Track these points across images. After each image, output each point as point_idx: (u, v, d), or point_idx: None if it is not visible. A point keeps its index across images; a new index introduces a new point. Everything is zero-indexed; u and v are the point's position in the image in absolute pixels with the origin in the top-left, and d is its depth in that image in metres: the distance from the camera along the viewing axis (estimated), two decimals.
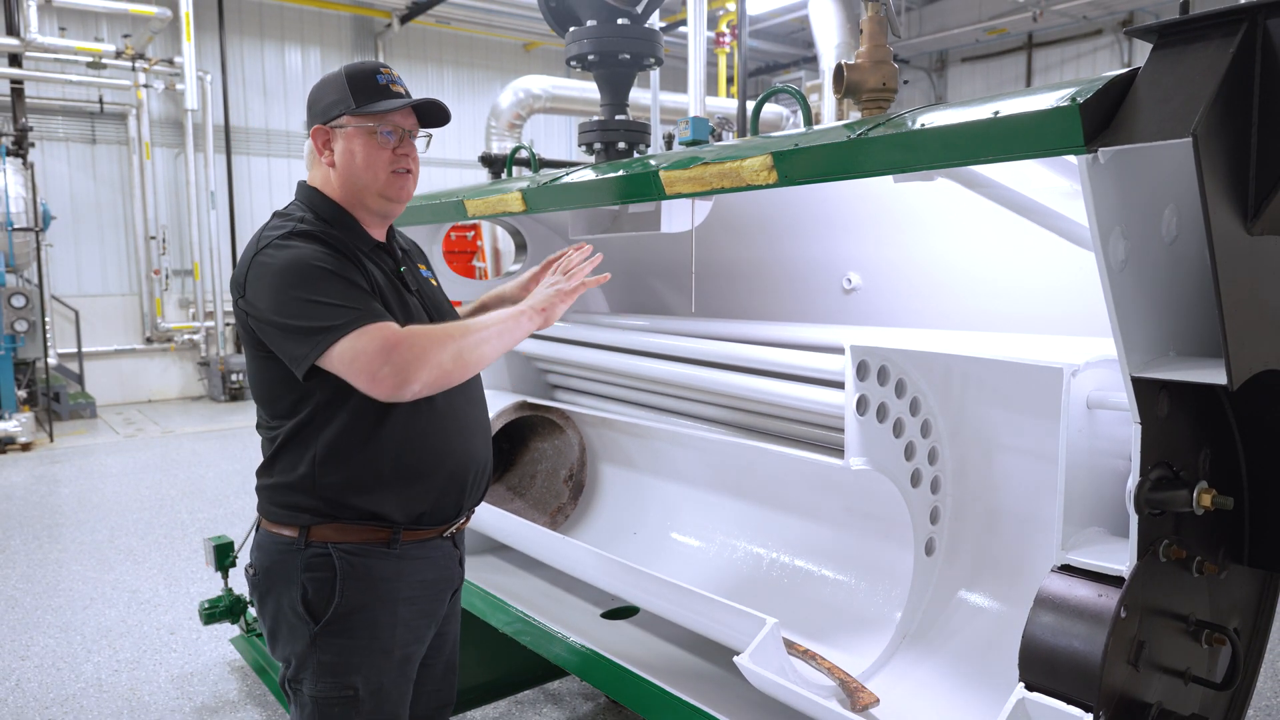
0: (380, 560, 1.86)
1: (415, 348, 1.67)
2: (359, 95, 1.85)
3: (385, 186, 1.89)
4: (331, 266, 1.74)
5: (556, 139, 15.05)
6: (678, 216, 2.60)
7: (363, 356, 1.66)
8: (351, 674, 1.84)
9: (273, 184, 12.85)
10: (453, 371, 1.72)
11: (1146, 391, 1.42)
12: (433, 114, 1.94)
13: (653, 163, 2.09)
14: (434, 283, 2.12)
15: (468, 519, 2.05)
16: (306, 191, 1.95)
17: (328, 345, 1.67)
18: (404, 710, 1.97)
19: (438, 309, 2.04)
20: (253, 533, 1.99)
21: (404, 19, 12.95)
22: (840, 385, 2.08)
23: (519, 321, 1.83)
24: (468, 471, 1.97)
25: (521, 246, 3.46)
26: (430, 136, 1.97)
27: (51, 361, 10.68)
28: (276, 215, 1.92)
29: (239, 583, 3.91)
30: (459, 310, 2.30)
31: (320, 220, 1.88)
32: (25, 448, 8.87)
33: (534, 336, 3.30)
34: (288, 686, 1.91)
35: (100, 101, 11.49)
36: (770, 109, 11.78)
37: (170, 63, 11.42)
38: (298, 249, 1.76)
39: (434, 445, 1.89)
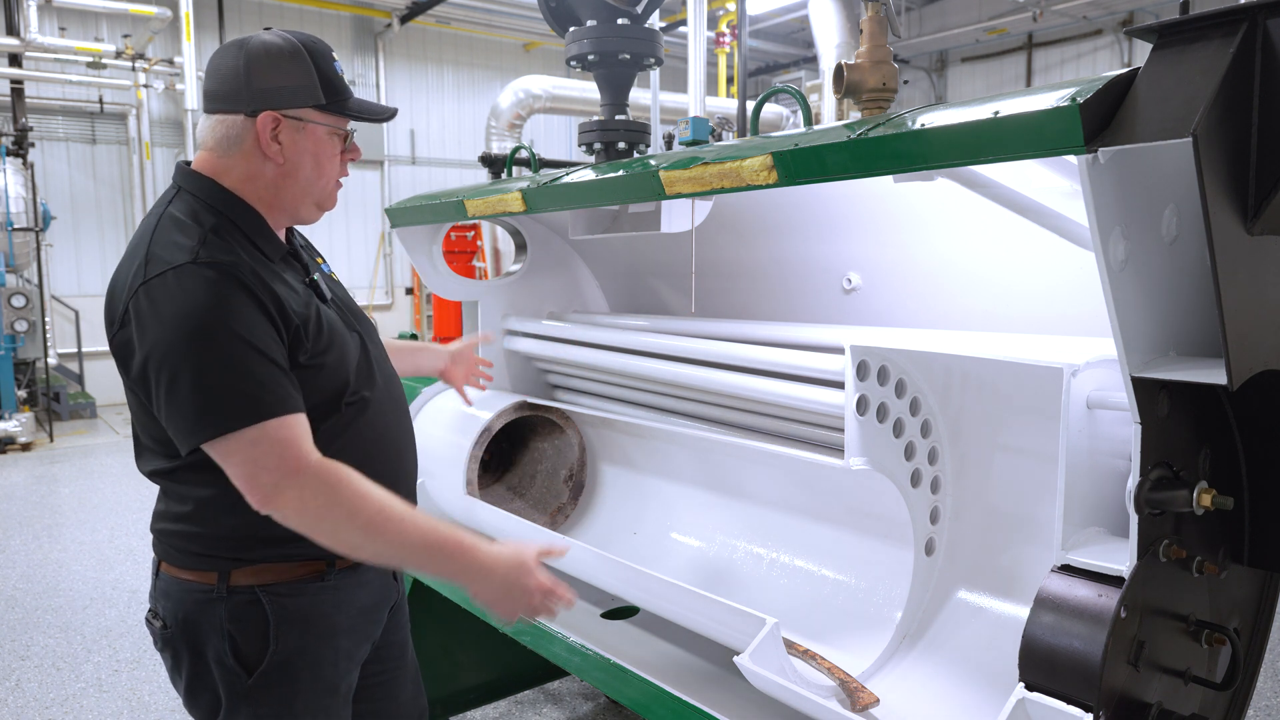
0: (314, 596, 1.68)
1: (326, 494, 1.48)
2: (329, 90, 1.62)
3: (325, 196, 1.70)
4: (240, 325, 1.46)
5: (556, 139, 15.06)
6: (678, 216, 2.60)
7: (250, 460, 1.46)
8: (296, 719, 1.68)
9: None
10: (331, 543, 1.51)
11: (1146, 391, 1.42)
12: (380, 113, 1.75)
13: (653, 163, 2.09)
14: (334, 277, 1.87)
15: None
16: (204, 184, 1.61)
17: (216, 434, 1.45)
18: None
19: (353, 314, 1.82)
20: (154, 578, 1.75)
21: (404, 19, 12.96)
22: (840, 385, 2.08)
23: (452, 563, 1.57)
24: (410, 495, 1.83)
25: (521, 246, 3.46)
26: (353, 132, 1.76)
27: (51, 361, 10.69)
28: (171, 220, 1.57)
29: None
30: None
31: (229, 222, 1.60)
32: (25, 448, 8.87)
33: (533, 336, 3.31)
34: None
35: (100, 101, 11.50)
36: (770, 109, 11.78)
37: (170, 63, 11.42)
38: (204, 286, 1.46)
39: (381, 480, 1.67)
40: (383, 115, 1.73)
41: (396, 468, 1.81)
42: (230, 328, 1.46)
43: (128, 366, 1.54)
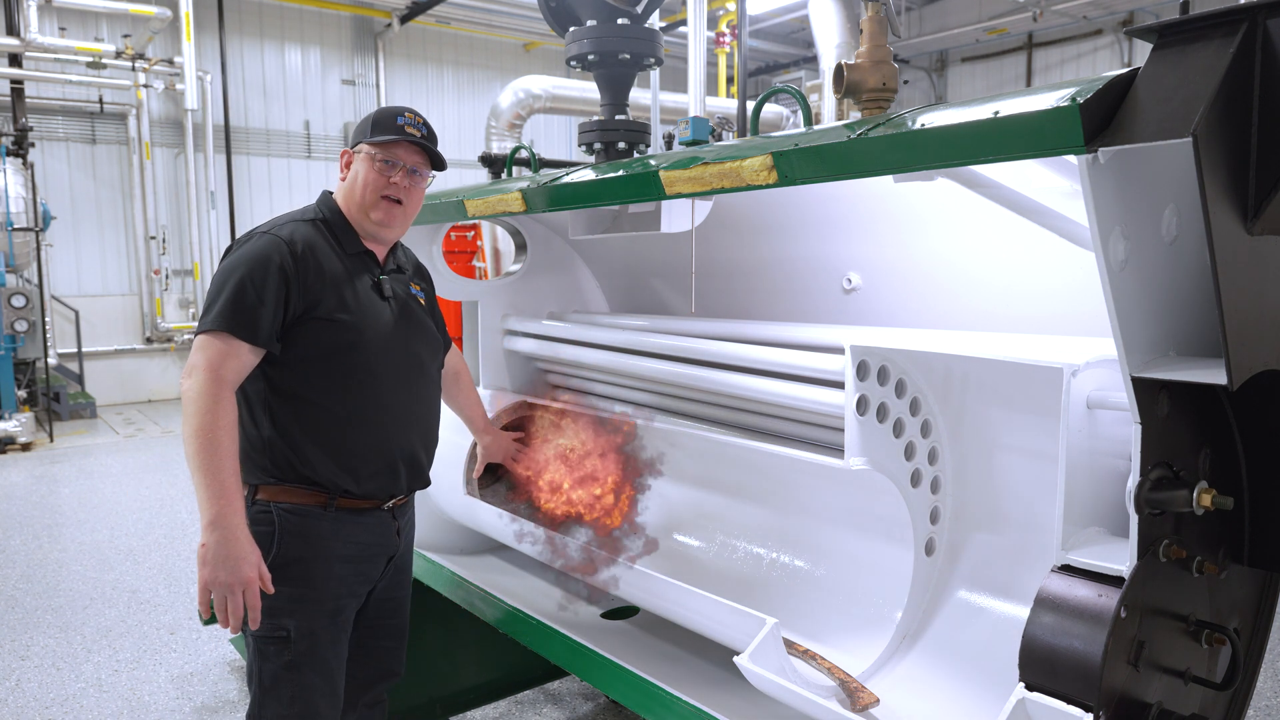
0: (317, 521, 2.11)
1: (198, 387, 1.94)
2: (376, 129, 2.16)
3: (371, 206, 2.17)
4: (262, 273, 2.02)
5: (556, 139, 15.05)
6: (678, 216, 2.60)
7: (200, 350, 1.98)
8: (284, 617, 2.06)
9: (273, 184, 12.85)
10: (182, 425, 1.96)
11: (1146, 391, 1.42)
12: (431, 155, 2.23)
13: (653, 163, 2.09)
14: (420, 301, 2.35)
15: (406, 499, 2.31)
16: (324, 196, 2.28)
17: (201, 329, 2.00)
18: (335, 656, 2.17)
19: (409, 316, 2.26)
20: None
21: (404, 19, 12.94)
22: (840, 385, 2.08)
23: (206, 501, 1.91)
24: (399, 464, 2.20)
25: (521, 246, 3.46)
26: (432, 178, 2.27)
27: (51, 361, 10.68)
28: (293, 211, 2.25)
29: None
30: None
31: (324, 220, 2.20)
32: (25, 448, 8.87)
33: (534, 336, 3.31)
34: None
35: (100, 101, 11.49)
36: (770, 109, 11.77)
37: (170, 63, 11.42)
38: (259, 247, 2.06)
39: (369, 443, 2.14)
40: (396, 139, 2.15)
41: (398, 439, 2.20)
42: (250, 271, 2.02)
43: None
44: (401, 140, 2.15)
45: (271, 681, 2.10)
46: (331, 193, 2.28)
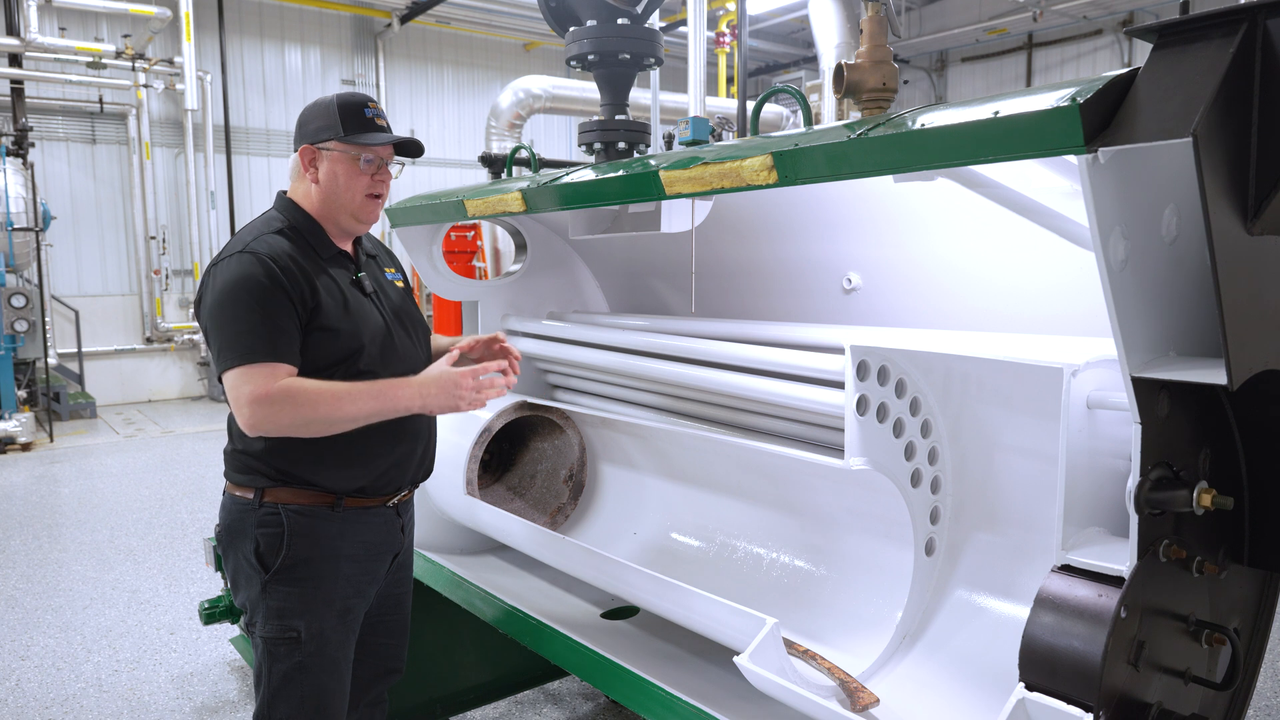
0: (325, 521, 2.11)
1: (279, 404, 1.90)
2: (348, 124, 2.08)
3: (359, 208, 2.14)
4: (260, 295, 1.95)
5: (556, 139, 15.06)
6: (678, 216, 2.60)
7: (236, 390, 1.92)
8: (295, 618, 2.08)
9: (272, 184, 12.84)
10: (313, 429, 1.96)
11: (1146, 391, 1.42)
12: (409, 146, 2.18)
13: (653, 163, 2.09)
14: (399, 284, 2.33)
15: (410, 493, 2.30)
16: (283, 202, 2.19)
17: (225, 368, 1.94)
18: (344, 657, 2.18)
19: (396, 309, 2.24)
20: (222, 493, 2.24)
21: (404, 19, 12.95)
22: (840, 385, 2.08)
23: (397, 395, 1.99)
24: (410, 455, 2.22)
25: (521, 246, 3.46)
26: (403, 165, 2.23)
27: (51, 361, 10.68)
28: (254, 223, 2.15)
29: None
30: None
31: (291, 228, 2.11)
32: (25, 448, 8.87)
33: (534, 336, 3.31)
34: (246, 630, 2.17)
35: (100, 101, 11.49)
36: (770, 109, 11.78)
37: (170, 63, 11.42)
38: (243, 268, 1.98)
39: (376, 433, 2.09)
40: (387, 140, 2.11)
41: (405, 435, 2.18)
42: (248, 295, 1.95)
43: (201, 320, 2.06)
44: (377, 135, 2.12)
45: (281, 682, 2.11)
46: (285, 193, 2.20)
